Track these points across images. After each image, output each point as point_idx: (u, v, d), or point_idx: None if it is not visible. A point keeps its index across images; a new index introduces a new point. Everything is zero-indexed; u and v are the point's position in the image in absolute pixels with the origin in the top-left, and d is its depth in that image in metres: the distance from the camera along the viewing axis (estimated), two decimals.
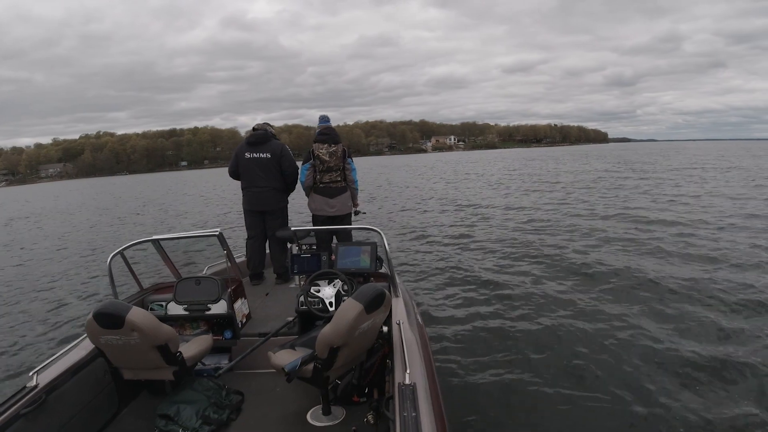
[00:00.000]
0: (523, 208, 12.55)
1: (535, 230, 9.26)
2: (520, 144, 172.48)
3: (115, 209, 21.27)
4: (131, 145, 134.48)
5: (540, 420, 2.99)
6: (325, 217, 4.28)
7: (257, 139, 4.15)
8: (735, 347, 3.75)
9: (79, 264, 8.98)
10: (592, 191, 15.90)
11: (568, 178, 22.34)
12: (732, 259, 6.24)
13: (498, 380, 3.47)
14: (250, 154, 4.15)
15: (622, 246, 7.39)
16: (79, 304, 6.16)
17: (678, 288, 5.19)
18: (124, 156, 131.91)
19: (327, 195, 4.25)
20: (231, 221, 13.05)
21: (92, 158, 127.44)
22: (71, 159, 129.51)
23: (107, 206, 23.58)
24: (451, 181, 25.09)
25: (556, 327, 4.34)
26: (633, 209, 11.02)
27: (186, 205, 20.38)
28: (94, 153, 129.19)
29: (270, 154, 4.13)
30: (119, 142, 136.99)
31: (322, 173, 4.21)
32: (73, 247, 11.08)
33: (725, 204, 11.29)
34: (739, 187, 14.77)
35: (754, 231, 8.01)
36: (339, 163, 4.24)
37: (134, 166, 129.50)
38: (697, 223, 8.94)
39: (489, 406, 3.13)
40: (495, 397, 3.25)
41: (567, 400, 3.15)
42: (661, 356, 3.66)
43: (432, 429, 1.58)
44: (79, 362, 2.28)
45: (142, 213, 18.55)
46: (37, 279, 7.97)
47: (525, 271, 6.25)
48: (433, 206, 14.33)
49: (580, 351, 3.83)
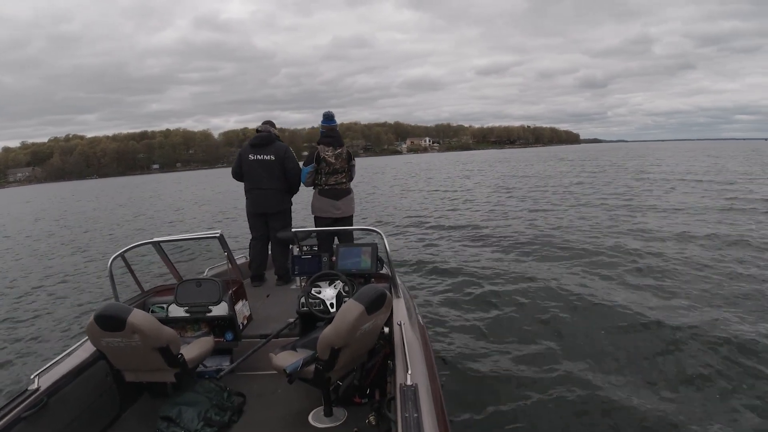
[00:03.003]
0: (523, 208, 12.56)
1: (534, 230, 9.25)
2: (494, 145, 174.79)
3: (111, 212, 21.28)
4: (101, 148, 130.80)
5: (541, 420, 2.98)
6: (332, 219, 4.28)
7: (261, 141, 4.14)
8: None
9: (79, 266, 8.98)
10: (594, 192, 15.91)
11: (568, 179, 22.35)
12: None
13: (499, 380, 3.46)
14: (254, 156, 4.13)
15: (635, 248, 7.39)
16: (80, 307, 6.15)
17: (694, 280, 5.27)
18: (94, 159, 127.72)
19: (333, 197, 4.25)
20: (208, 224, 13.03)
21: (61, 162, 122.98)
22: (40, 163, 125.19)
23: (92, 209, 23.59)
24: (449, 180, 25.12)
25: (558, 326, 4.34)
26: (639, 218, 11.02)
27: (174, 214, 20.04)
28: (64, 156, 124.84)
29: (274, 156, 4.11)
30: (89, 145, 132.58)
31: (327, 175, 4.21)
32: (74, 248, 11.09)
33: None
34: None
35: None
36: (344, 164, 4.27)
37: (104, 169, 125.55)
38: None
39: (491, 407, 3.12)
40: (496, 397, 3.24)
41: (569, 400, 3.15)
42: (677, 356, 3.64)
43: (434, 430, 1.58)
44: (81, 365, 2.28)
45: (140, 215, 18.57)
46: (38, 279, 7.97)
47: (526, 272, 6.24)
48: (433, 206, 14.34)
49: (583, 351, 3.83)
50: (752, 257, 6.30)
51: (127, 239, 10.89)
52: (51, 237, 13.98)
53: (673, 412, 2.95)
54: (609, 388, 3.25)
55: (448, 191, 19.34)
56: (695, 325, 4.13)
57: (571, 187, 17.97)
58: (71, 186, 74.38)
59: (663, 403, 3.05)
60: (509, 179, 23.81)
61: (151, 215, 18.26)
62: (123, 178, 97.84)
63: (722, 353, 3.62)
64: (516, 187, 19.38)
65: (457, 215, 12.20)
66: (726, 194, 12.97)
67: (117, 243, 11.03)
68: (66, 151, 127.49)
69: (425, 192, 19.77)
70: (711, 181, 17.20)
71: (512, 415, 3.04)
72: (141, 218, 17.30)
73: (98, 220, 17.76)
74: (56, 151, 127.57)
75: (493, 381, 3.46)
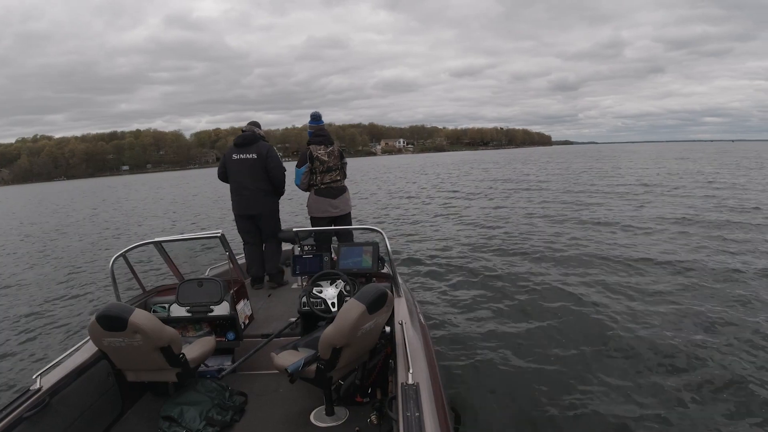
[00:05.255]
0: (524, 208, 12.55)
1: (534, 230, 9.25)
2: (468, 147, 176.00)
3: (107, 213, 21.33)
4: (70, 149, 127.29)
5: (543, 419, 2.98)
6: (330, 218, 4.26)
7: (244, 140, 4.05)
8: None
9: (80, 266, 8.99)
10: (597, 191, 15.89)
11: (569, 179, 22.32)
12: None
13: (501, 379, 3.46)
14: (237, 156, 4.04)
15: (639, 249, 7.38)
16: (81, 307, 6.16)
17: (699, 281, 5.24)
18: (62, 160, 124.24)
19: (330, 196, 4.22)
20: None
21: (29, 163, 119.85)
22: (7, 164, 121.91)
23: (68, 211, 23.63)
24: (448, 181, 25.10)
25: (560, 326, 4.33)
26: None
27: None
28: (31, 158, 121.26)
29: (256, 155, 4.01)
30: (57, 145, 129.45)
31: (322, 174, 4.18)
32: (73, 248, 11.10)
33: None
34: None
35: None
36: (338, 162, 4.24)
37: (73, 170, 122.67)
38: None
39: (492, 406, 3.12)
40: (498, 396, 3.24)
41: (570, 399, 3.15)
42: (683, 361, 3.60)
43: (435, 429, 1.58)
44: (83, 365, 2.28)
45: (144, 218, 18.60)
46: (38, 280, 7.99)
47: (527, 271, 6.24)
48: (433, 207, 14.33)
49: (584, 351, 3.82)
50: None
51: (125, 240, 10.91)
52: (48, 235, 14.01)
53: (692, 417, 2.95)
54: (609, 388, 3.25)
55: (447, 191, 19.34)
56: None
57: (570, 186, 17.97)
58: (40, 188, 70.78)
59: (679, 408, 3.05)
60: (509, 179, 23.81)
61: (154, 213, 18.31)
62: (92, 180, 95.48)
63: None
64: (516, 187, 19.43)
65: (458, 215, 12.20)
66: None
67: (115, 244, 11.05)
68: (34, 152, 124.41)
69: (425, 192, 19.77)
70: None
71: (514, 414, 3.03)
72: (145, 219, 17.34)
73: (99, 222, 17.77)
74: (24, 152, 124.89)
75: (495, 380, 3.46)
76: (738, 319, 4.23)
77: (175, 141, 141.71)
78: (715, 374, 3.32)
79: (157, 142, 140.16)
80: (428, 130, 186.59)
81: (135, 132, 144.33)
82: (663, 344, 3.83)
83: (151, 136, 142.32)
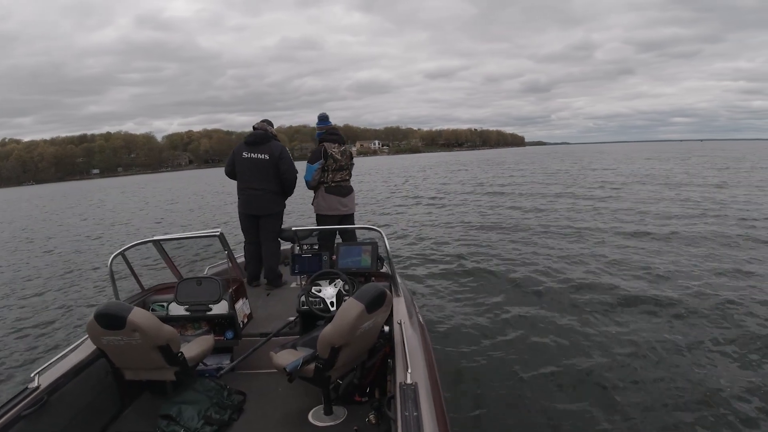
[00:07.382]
0: (525, 209, 12.56)
1: (535, 231, 9.25)
2: (442, 148, 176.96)
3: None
4: (39, 152, 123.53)
5: (542, 419, 2.98)
6: (338, 217, 4.28)
7: (256, 139, 3.96)
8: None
9: (79, 265, 8.98)
10: (599, 192, 15.89)
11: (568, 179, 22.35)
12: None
13: (500, 379, 3.46)
14: (248, 154, 3.96)
15: (633, 257, 7.37)
16: (80, 305, 6.15)
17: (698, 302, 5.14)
18: (31, 164, 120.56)
19: (340, 194, 4.27)
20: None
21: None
22: None
23: None
24: (447, 180, 25.11)
25: (560, 326, 4.33)
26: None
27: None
28: (0, 162, 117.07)
29: (268, 156, 3.93)
30: (26, 149, 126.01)
31: (334, 172, 4.23)
32: (73, 248, 11.09)
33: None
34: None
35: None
36: (348, 161, 4.35)
37: (41, 174, 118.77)
38: None
39: (491, 406, 3.12)
40: (497, 396, 3.24)
41: (569, 398, 3.15)
42: (676, 368, 3.60)
43: (434, 428, 1.58)
44: (81, 363, 2.28)
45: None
46: (38, 279, 7.97)
47: (527, 271, 6.24)
48: (433, 207, 14.33)
49: (585, 351, 3.83)
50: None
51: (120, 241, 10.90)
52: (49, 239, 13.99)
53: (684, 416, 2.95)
54: (610, 388, 3.25)
55: (447, 191, 19.35)
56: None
57: (572, 188, 17.98)
58: (8, 194, 64.75)
59: (661, 401, 3.05)
60: (507, 179, 23.82)
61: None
62: (62, 184, 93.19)
63: None
64: (516, 185, 19.43)
65: (458, 215, 12.20)
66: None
67: (113, 244, 11.03)
68: (2, 156, 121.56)
69: (424, 191, 19.77)
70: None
71: (512, 414, 3.04)
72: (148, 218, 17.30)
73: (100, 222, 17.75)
74: None
75: (494, 379, 3.46)
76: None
77: (147, 143, 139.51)
78: (712, 383, 3.28)
79: (128, 144, 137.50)
80: (403, 132, 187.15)
81: (105, 135, 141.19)
82: (663, 344, 3.84)
83: (122, 138, 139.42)
